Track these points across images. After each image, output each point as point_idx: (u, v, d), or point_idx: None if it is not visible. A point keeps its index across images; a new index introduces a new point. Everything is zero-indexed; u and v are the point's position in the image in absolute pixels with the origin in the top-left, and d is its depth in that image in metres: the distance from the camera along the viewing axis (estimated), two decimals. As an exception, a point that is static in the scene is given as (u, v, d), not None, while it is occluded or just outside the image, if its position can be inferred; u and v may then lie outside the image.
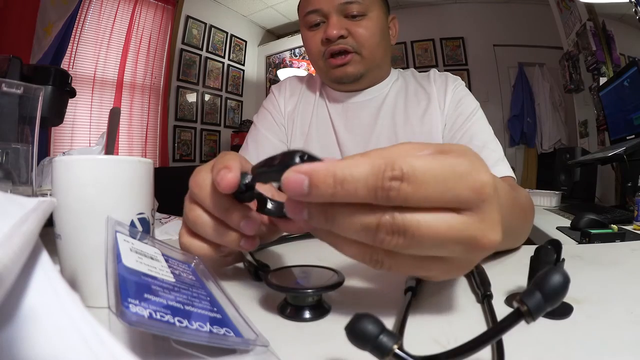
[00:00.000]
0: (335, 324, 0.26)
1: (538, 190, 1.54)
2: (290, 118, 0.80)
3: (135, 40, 2.95)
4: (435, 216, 0.20)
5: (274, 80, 3.80)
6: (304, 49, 0.81)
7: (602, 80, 1.90)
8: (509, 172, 0.64)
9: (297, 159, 0.22)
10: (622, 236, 0.71)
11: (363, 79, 0.74)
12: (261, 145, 0.78)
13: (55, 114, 0.64)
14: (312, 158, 0.22)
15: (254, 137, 0.80)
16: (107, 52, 2.78)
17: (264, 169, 0.26)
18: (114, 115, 0.64)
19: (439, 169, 0.20)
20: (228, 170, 0.27)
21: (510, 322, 0.18)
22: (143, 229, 0.30)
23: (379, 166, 0.19)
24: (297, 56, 3.78)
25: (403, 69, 0.84)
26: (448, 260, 0.23)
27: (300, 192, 0.20)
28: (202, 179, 0.30)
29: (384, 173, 0.19)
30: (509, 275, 0.36)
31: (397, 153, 0.21)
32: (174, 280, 0.24)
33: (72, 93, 0.65)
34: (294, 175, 0.20)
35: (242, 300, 0.26)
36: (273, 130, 0.79)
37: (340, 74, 0.72)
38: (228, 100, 3.76)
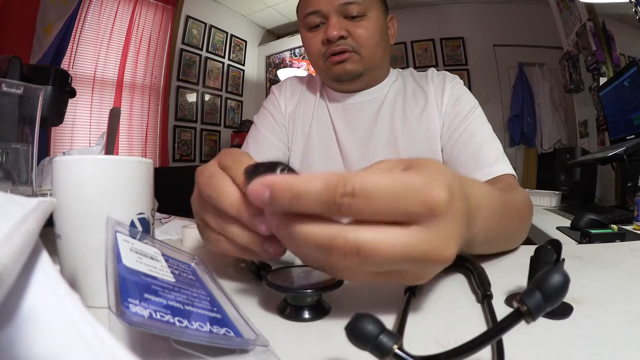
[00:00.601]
0: (335, 324, 0.26)
1: (538, 190, 1.54)
2: (291, 118, 0.80)
3: (135, 40, 2.95)
4: (388, 234, 0.21)
5: (274, 80, 3.80)
6: (304, 49, 0.81)
7: (602, 80, 1.90)
8: (509, 170, 0.64)
9: (278, 171, 0.26)
10: (622, 236, 0.71)
11: (362, 78, 0.74)
12: (261, 145, 0.78)
13: (55, 114, 0.64)
14: (291, 171, 0.26)
15: (255, 137, 0.80)
16: (107, 52, 2.78)
17: (251, 175, 0.27)
18: (114, 115, 0.63)
19: (390, 185, 0.21)
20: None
21: (510, 322, 0.18)
22: (143, 229, 0.30)
23: (331, 182, 0.21)
24: (297, 56, 3.78)
25: (402, 68, 0.84)
26: (403, 273, 0.23)
27: (261, 201, 0.22)
28: (218, 183, 0.30)
29: (336, 189, 0.21)
30: (509, 275, 0.36)
31: (354, 172, 0.23)
32: (174, 280, 0.24)
33: (72, 93, 0.65)
34: (258, 186, 0.22)
35: (242, 300, 0.26)
36: (273, 131, 0.80)
37: (339, 71, 0.72)
38: (228, 100, 3.76)
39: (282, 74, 3.61)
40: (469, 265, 0.36)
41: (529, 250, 0.34)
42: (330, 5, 0.69)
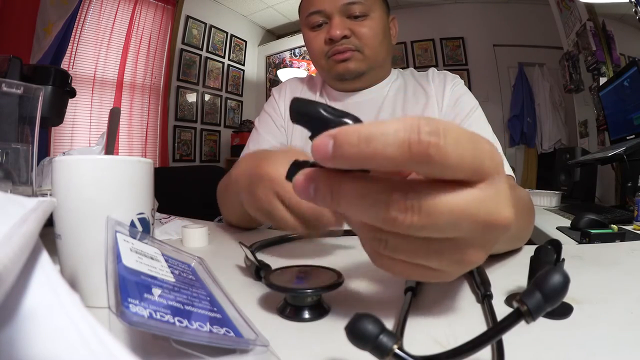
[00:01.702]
0: (335, 324, 0.26)
1: (538, 190, 1.54)
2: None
3: (135, 40, 2.94)
4: (451, 190, 0.18)
5: (274, 80, 3.79)
6: (304, 49, 0.81)
7: (602, 80, 1.90)
8: (509, 172, 0.64)
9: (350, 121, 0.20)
10: (622, 236, 0.71)
11: (364, 77, 0.74)
12: (263, 147, 0.78)
13: (55, 114, 0.64)
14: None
15: (255, 140, 0.80)
16: (107, 52, 2.78)
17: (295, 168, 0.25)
18: (114, 115, 0.63)
19: (466, 132, 0.18)
20: None
21: (510, 322, 0.18)
22: (143, 229, 0.30)
23: (412, 121, 0.17)
24: (297, 56, 3.78)
25: (403, 68, 0.84)
26: (460, 243, 0.20)
27: (324, 155, 0.18)
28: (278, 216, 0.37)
29: (419, 127, 0.16)
30: (509, 275, 0.36)
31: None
32: (174, 280, 0.24)
33: (72, 93, 0.65)
34: (322, 137, 0.18)
35: (242, 300, 0.26)
36: (274, 133, 0.80)
37: (342, 69, 0.72)
38: (228, 100, 3.75)
39: (282, 74, 3.61)
40: (469, 265, 0.36)
41: (529, 250, 0.34)
42: (333, 5, 0.69)
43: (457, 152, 0.17)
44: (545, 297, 0.17)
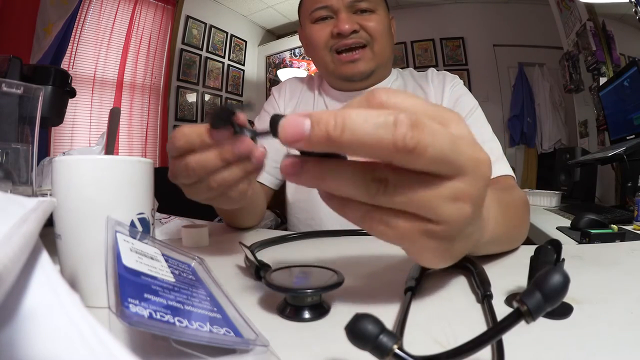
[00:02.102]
0: (335, 324, 0.26)
1: (538, 190, 1.54)
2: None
3: (135, 40, 2.94)
4: (427, 182, 0.20)
5: (274, 80, 3.79)
6: (304, 49, 0.80)
7: (602, 80, 1.90)
8: (508, 171, 0.64)
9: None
10: (622, 236, 0.71)
11: (371, 77, 0.74)
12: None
13: (55, 114, 0.64)
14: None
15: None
16: (107, 52, 2.78)
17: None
18: (114, 115, 0.63)
19: (418, 99, 0.21)
20: None
21: (510, 322, 0.18)
22: (143, 229, 0.30)
23: (388, 112, 0.18)
24: (297, 56, 3.78)
25: (402, 68, 0.84)
26: (451, 181, 0.21)
27: (299, 132, 0.18)
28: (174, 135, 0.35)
29: (399, 120, 0.18)
30: (509, 275, 0.36)
31: None
32: (174, 280, 0.24)
33: (72, 93, 0.65)
34: (294, 117, 0.19)
35: (242, 300, 0.26)
36: None
37: (350, 71, 0.71)
38: (228, 100, 3.75)
39: (282, 74, 3.60)
40: (469, 265, 0.36)
41: (529, 250, 0.34)
42: (340, 0, 0.69)
43: (435, 146, 0.18)
44: (545, 297, 0.17)
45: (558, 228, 0.95)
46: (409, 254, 0.24)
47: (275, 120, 0.19)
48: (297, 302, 0.28)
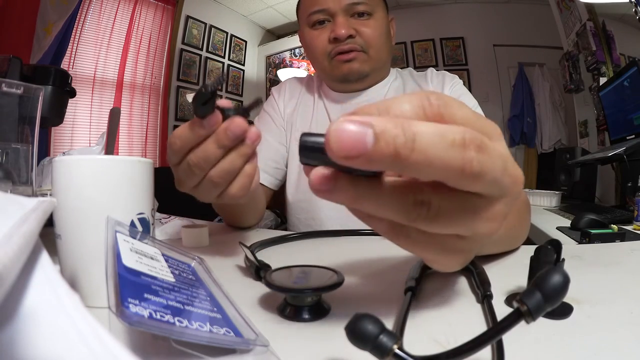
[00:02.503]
0: (335, 324, 0.26)
1: (538, 190, 1.54)
2: (290, 120, 0.80)
3: (135, 40, 2.94)
4: (470, 202, 0.19)
5: (274, 80, 3.79)
6: (303, 49, 0.80)
7: (602, 80, 1.90)
8: None
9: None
10: (622, 236, 0.71)
11: (367, 78, 0.74)
12: (260, 147, 0.78)
13: (55, 114, 0.64)
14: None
15: None
16: (107, 52, 2.78)
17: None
18: (114, 115, 0.63)
19: (503, 150, 0.19)
20: None
21: (510, 322, 0.18)
22: (143, 229, 0.30)
23: (459, 128, 0.16)
24: (297, 56, 3.78)
25: (402, 68, 0.84)
26: (493, 203, 0.20)
27: (360, 146, 0.14)
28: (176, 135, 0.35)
29: (468, 136, 0.16)
30: (509, 275, 0.36)
31: None
32: (174, 280, 0.24)
33: (72, 93, 0.65)
34: (351, 123, 0.14)
35: (242, 300, 0.26)
36: (273, 133, 0.79)
37: (346, 70, 0.71)
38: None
39: (282, 74, 3.60)
40: (469, 265, 0.36)
41: (529, 250, 0.34)
42: (337, 4, 0.69)
43: (490, 167, 0.17)
44: (545, 297, 0.17)
45: (558, 228, 0.95)
46: (424, 259, 0.23)
47: (305, 137, 0.17)
48: (297, 302, 0.28)
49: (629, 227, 0.89)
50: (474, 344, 0.18)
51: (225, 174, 0.36)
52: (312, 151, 0.16)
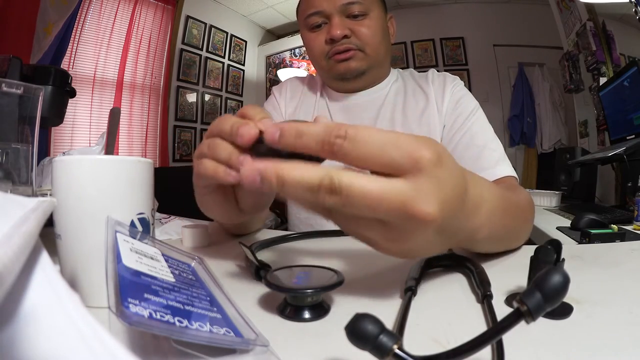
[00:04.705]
0: (335, 324, 0.26)
1: (538, 190, 1.54)
2: (291, 119, 0.80)
3: (135, 40, 2.94)
4: (371, 179, 0.23)
5: (274, 80, 3.79)
6: (304, 49, 0.81)
7: (602, 80, 1.90)
8: (511, 172, 0.64)
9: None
10: (622, 236, 0.71)
11: (365, 76, 0.74)
12: None
13: (55, 114, 0.64)
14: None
15: None
16: (107, 52, 2.77)
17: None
18: (114, 115, 0.63)
19: (380, 137, 0.24)
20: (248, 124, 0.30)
21: (510, 322, 0.18)
22: (143, 229, 0.30)
23: (329, 126, 0.24)
24: (297, 56, 3.78)
25: (402, 69, 0.84)
26: (387, 226, 0.25)
27: (272, 139, 0.26)
28: (224, 116, 0.33)
29: (332, 131, 0.24)
30: (509, 275, 0.36)
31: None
32: (174, 280, 0.24)
33: (72, 93, 0.65)
34: (271, 127, 0.26)
35: (242, 300, 0.26)
36: None
37: (343, 69, 0.72)
38: (228, 100, 3.75)
39: (282, 74, 3.60)
40: (469, 265, 0.36)
41: (529, 250, 0.34)
42: (332, 5, 0.69)
43: (357, 151, 0.23)
44: (545, 297, 0.17)
45: (558, 228, 0.95)
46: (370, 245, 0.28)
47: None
48: (297, 302, 0.28)
49: (629, 227, 0.89)
50: (474, 344, 0.18)
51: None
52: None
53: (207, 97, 3.56)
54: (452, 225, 0.27)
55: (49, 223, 0.22)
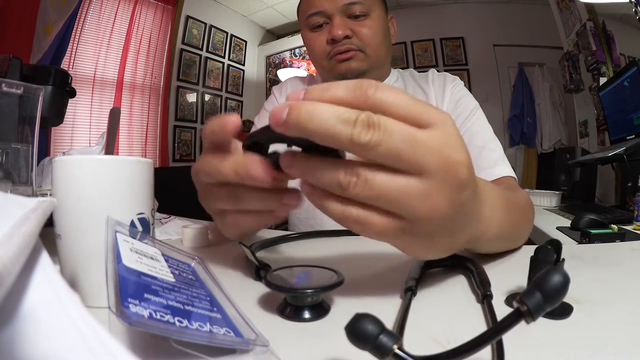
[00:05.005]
0: (335, 324, 0.26)
1: (538, 190, 1.54)
2: None
3: (135, 40, 2.94)
4: (391, 175, 0.23)
5: (274, 80, 3.79)
6: (304, 49, 0.81)
7: (602, 80, 1.90)
8: (510, 172, 0.64)
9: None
10: (622, 236, 0.71)
11: (365, 77, 0.74)
12: None
13: (55, 114, 0.64)
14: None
15: None
16: (107, 52, 2.77)
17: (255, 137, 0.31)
18: (114, 115, 0.63)
19: (405, 97, 0.23)
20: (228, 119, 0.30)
21: (510, 322, 0.18)
22: (143, 229, 0.30)
23: (358, 82, 0.23)
24: (297, 56, 3.78)
25: (403, 69, 0.84)
26: (408, 222, 0.24)
27: (279, 119, 0.23)
28: (207, 160, 0.31)
29: (362, 84, 0.23)
30: (509, 275, 0.36)
31: None
32: (174, 280, 0.24)
33: (72, 93, 0.65)
34: (278, 107, 0.23)
35: (242, 300, 0.26)
36: None
37: (344, 69, 0.72)
38: (228, 100, 3.75)
39: (282, 74, 3.61)
40: (469, 265, 0.36)
41: (529, 250, 0.34)
42: (334, 5, 0.69)
43: (389, 99, 0.22)
44: (545, 297, 0.17)
45: (558, 228, 0.95)
46: (396, 247, 0.27)
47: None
48: (297, 302, 0.28)
49: (629, 227, 0.89)
50: (474, 344, 0.18)
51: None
52: (264, 131, 0.26)
53: (207, 97, 3.57)
54: (456, 226, 0.26)
55: (49, 223, 0.22)
